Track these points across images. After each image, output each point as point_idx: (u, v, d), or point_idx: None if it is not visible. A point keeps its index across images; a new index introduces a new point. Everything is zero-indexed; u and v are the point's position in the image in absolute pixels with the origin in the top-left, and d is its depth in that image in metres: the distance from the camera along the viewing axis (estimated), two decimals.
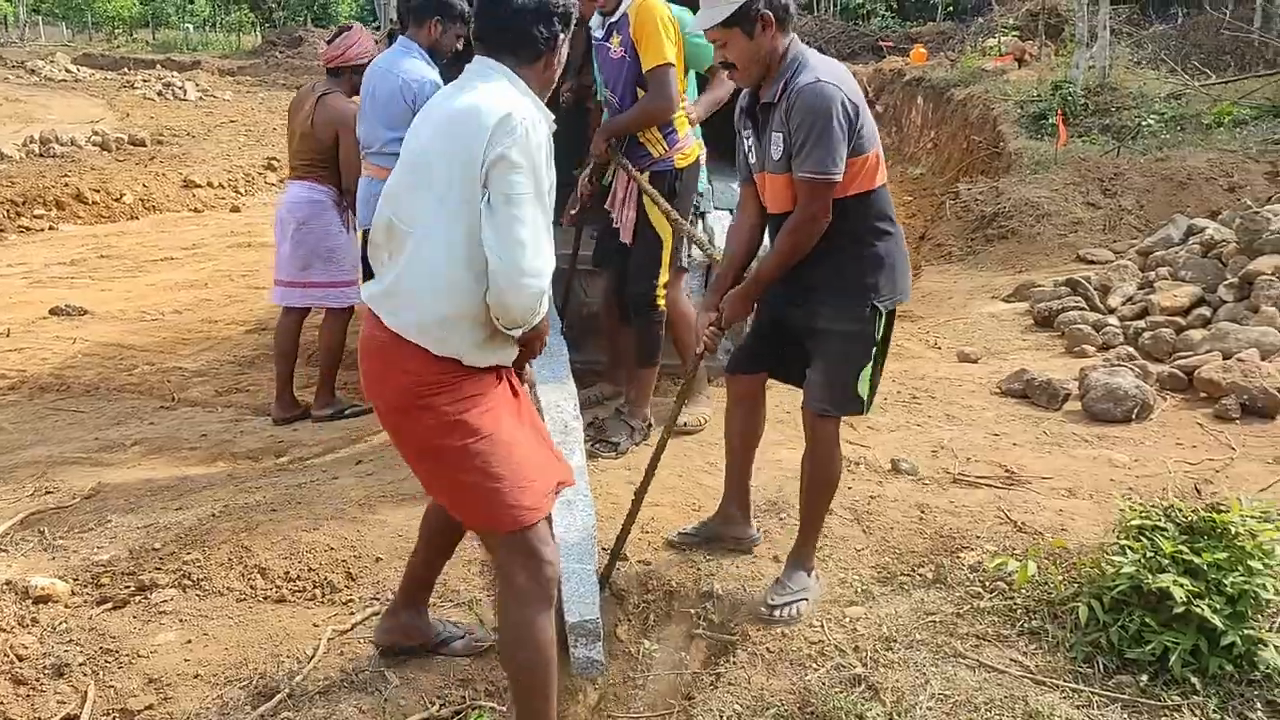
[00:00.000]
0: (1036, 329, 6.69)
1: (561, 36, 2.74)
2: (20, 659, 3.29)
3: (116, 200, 12.98)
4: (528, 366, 2.99)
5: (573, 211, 5.02)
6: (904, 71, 19.87)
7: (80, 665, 3.29)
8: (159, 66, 30.93)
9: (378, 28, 27.39)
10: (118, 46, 41.39)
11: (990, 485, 4.36)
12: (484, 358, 2.68)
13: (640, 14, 4.34)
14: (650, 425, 4.87)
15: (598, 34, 4.58)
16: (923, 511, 4.08)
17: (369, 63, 5.18)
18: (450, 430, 2.64)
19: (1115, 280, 6.86)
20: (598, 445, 4.68)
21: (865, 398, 3.47)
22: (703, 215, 5.60)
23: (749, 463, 3.87)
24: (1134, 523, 3.33)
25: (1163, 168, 9.25)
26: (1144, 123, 11.31)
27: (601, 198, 4.81)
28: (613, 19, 4.45)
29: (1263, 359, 5.35)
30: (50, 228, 12.01)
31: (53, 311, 8.45)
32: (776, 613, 3.46)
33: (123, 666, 3.30)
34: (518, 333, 2.66)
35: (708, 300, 3.66)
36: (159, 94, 24.23)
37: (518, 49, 2.69)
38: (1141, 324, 6.14)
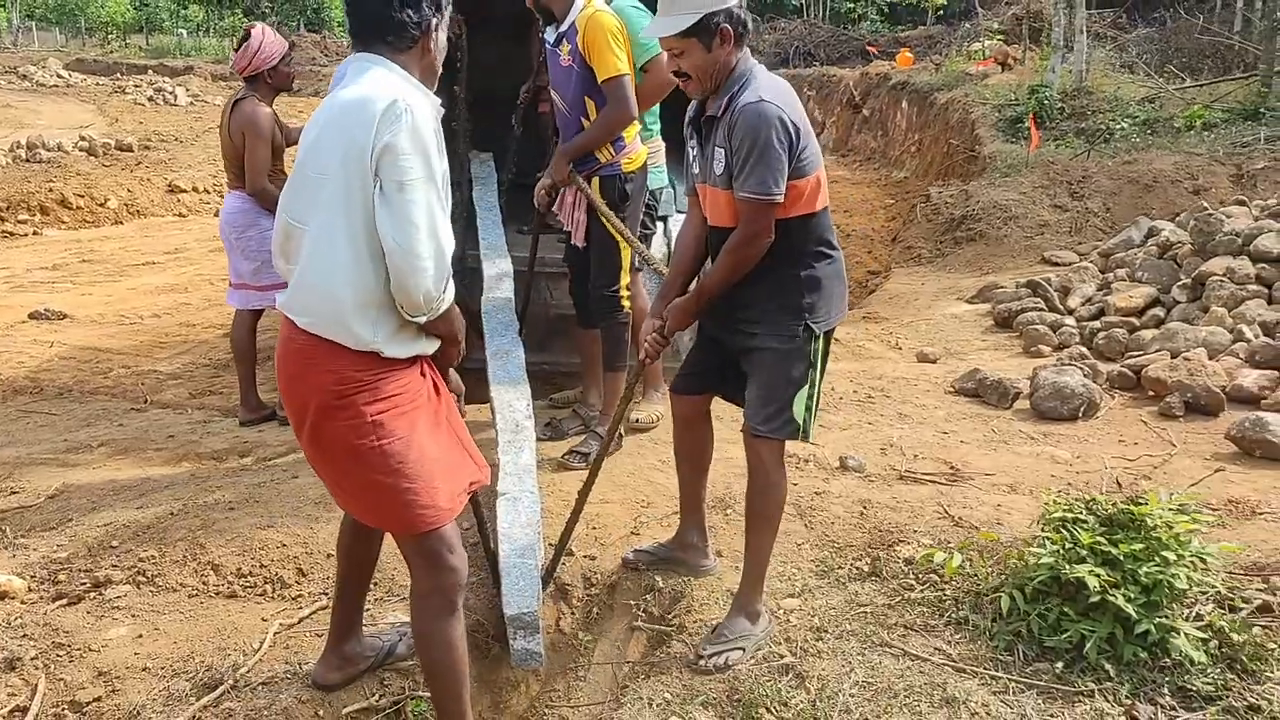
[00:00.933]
0: (996, 330, 6.80)
1: (434, 20, 2.72)
2: None
3: (101, 205, 13.08)
4: (453, 375, 2.98)
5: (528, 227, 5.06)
6: (890, 75, 20.04)
7: (32, 659, 3.37)
8: (151, 72, 31.03)
9: None
10: (111, 52, 41.53)
11: (934, 482, 4.47)
12: (403, 347, 2.68)
13: (588, 28, 4.39)
14: (621, 434, 4.82)
15: (549, 39, 4.66)
16: (865, 507, 4.17)
17: (282, 60, 5.30)
18: (367, 431, 2.64)
19: (1075, 281, 6.97)
20: (569, 456, 4.64)
21: (801, 422, 3.37)
22: (664, 219, 5.69)
23: (701, 486, 3.79)
24: (1056, 515, 3.42)
25: (1130, 170, 9.37)
26: (1117, 126, 11.42)
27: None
28: (561, 28, 4.53)
29: (1210, 358, 5.46)
30: (34, 233, 12.10)
31: (31, 316, 8.54)
32: (703, 662, 3.32)
33: (74, 660, 3.37)
34: (422, 319, 2.65)
35: (654, 307, 3.60)
36: (149, 99, 24.30)
37: (390, 38, 2.67)
38: (1097, 324, 6.25)
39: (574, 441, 4.81)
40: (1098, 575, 3.15)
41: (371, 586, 3.41)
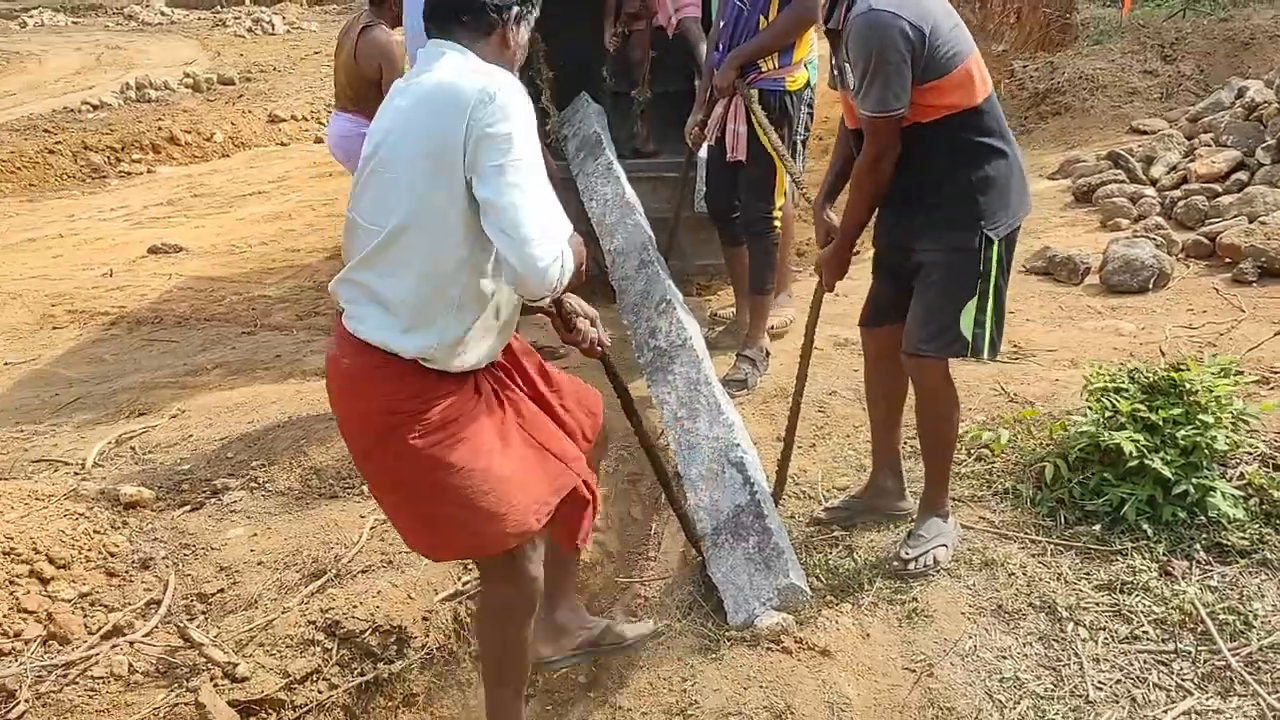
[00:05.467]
0: (1075, 205, 6.72)
1: (517, 10, 2.54)
2: (112, 555, 3.79)
3: (208, 140, 13.59)
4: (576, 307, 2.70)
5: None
6: None
7: (163, 559, 3.79)
8: (248, 2, 31.61)
9: None
10: None
11: (996, 360, 4.54)
12: (456, 358, 2.48)
13: None
14: (769, 353, 4.79)
15: None
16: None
17: None
18: (424, 466, 2.47)
19: (1160, 150, 6.82)
20: (727, 386, 4.42)
21: (970, 337, 3.12)
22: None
23: (895, 426, 3.55)
24: (1098, 386, 3.52)
25: (1225, 28, 8.98)
26: None
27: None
28: None
29: None
30: (148, 171, 12.67)
31: (151, 250, 9.04)
32: (911, 566, 3.21)
33: (198, 558, 3.78)
34: (547, 300, 2.48)
35: (816, 203, 3.43)
36: (248, 30, 24.83)
37: (469, 23, 2.50)
38: (1178, 194, 6.13)
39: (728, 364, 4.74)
40: (1135, 440, 3.26)
41: None
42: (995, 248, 3.08)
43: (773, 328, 4.92)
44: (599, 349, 2.75)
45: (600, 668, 3.17)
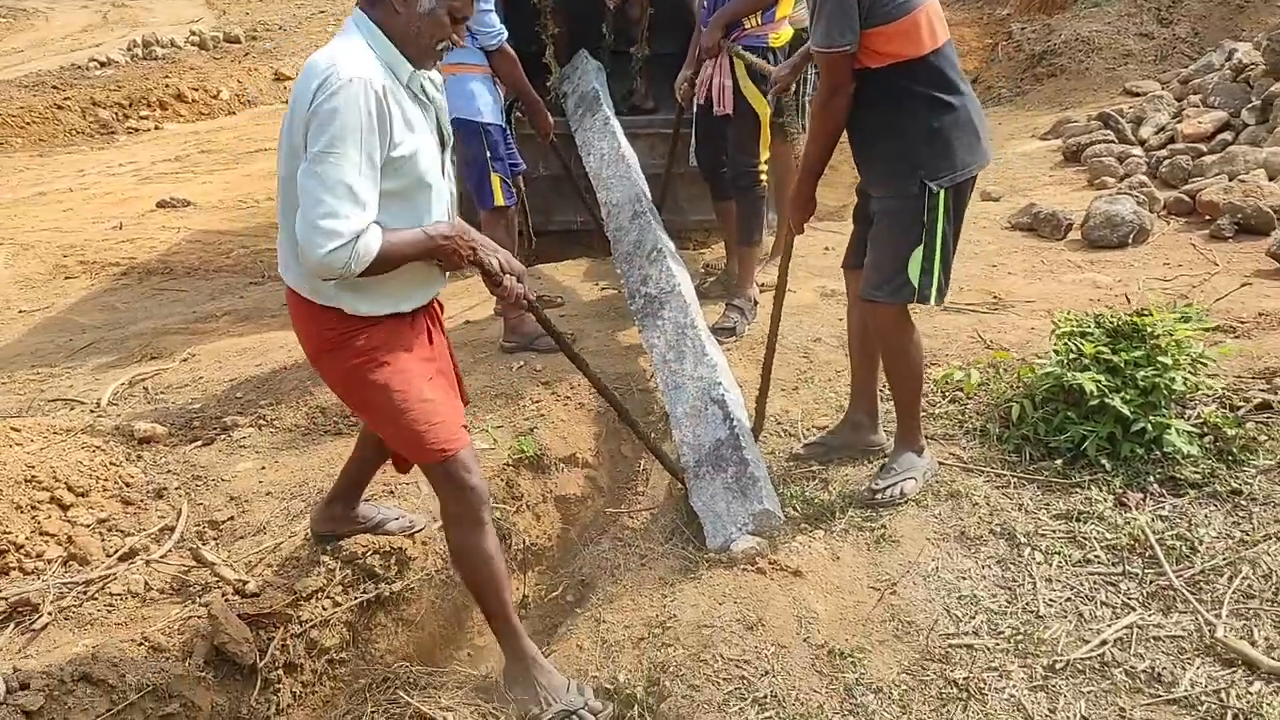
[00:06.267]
0: (1065, 165, 6.86)
1: None
2: (128, 485, 3.99)
3: (214, 97, 13.72)
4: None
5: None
6: None
7: (176, 489, 3.99)
8: None
9: None
10: None
11: (975, 311, 4.73)
12: (369, 304, 2.69)
13: None
14: (757, 302, 4.93)
15: None
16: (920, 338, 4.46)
17: None
18: (352, 384, 2.79)
19: (1150, 111, 6.94)
20: (717, 334, 4.59)
21: (917, 284, 3.24)
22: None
23: (872, 364, 3.64)
24: (1065, 330, 3.69)
25: None
26: None
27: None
28: None
29: (1271, 179, 5.50)
30: (156, 127, 12.82)
31: (160, 205, 9.21)
32: (879, 496, 3.38)
33: (209, 489, 3.98)
34: (325, 282, 2.62)
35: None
36: None
37: None
38: (1164, 153, 6.27)
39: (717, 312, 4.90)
40: (1097, 381, 3.44)
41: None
42: (940, 198, 3.16)
43: (763, 285, 5.07)
44: (524, 301, 2.92)
45: (587, 587, 3.37)
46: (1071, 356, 3.59)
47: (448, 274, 2.93)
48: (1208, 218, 5.41)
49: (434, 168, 2.73)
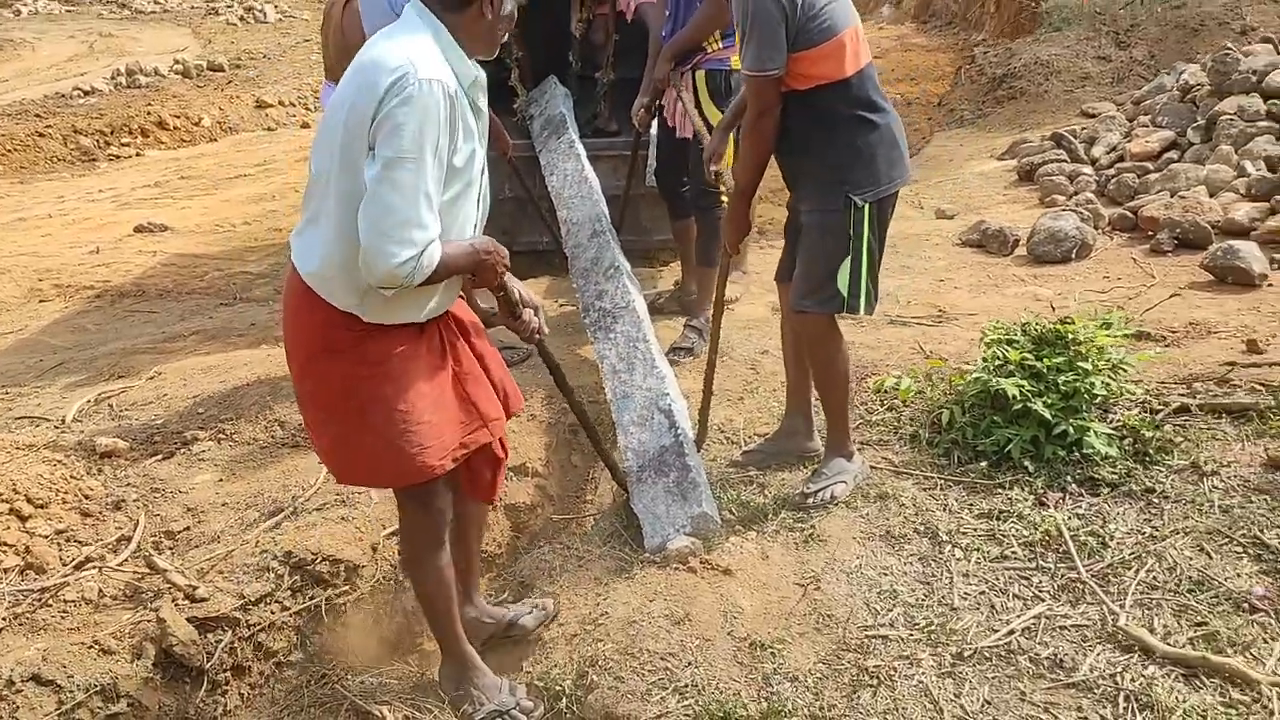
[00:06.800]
0: (1019, 184, 7.03)
1: None
2: (88, 498, 4.09)
3: (196, 125, 13.86)
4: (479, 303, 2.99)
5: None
6: None
7: (134, 501, 4.08)
8: None
9: None
10: None
11: (920, 323, 4.87)
12: (386, 314, 2.62)
13: None
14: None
15: None
16: (847, 348, 4.59)
17: None
18: (349, 393, 2.65)
19: (1102, 131, 7.12)
20: (675, 353, 4.78)
21: (846, 294, 3.37)
22: None
23: (809, 374, 3.75)
24: (993, 338, 3.82)
25: (1178, 15, 9.29)
26: None
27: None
28: None
29: (1212, 195, 5.66)
30: (137, 154, 12.95)
31: (136, 229, 9.31)
32: (810, 500, 3.51)
33: (167, 500, 4.08)
34: (389, 293, 2.55)
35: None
36: (240, 19, 25.03)
37: None
38: (1112, 171, 6.43)
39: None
40: (1020, 386, 3.57)
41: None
42: (865, 211, 3.30)
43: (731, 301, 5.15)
44: (538, 336, 2.92)
45: (526, 588, 3.48)
46: (998, 363, 3.72)
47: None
48: (1149, 233, 5.56)
49: (479, 177, 2.69)
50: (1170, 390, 3.84)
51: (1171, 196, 5.66)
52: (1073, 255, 5.40)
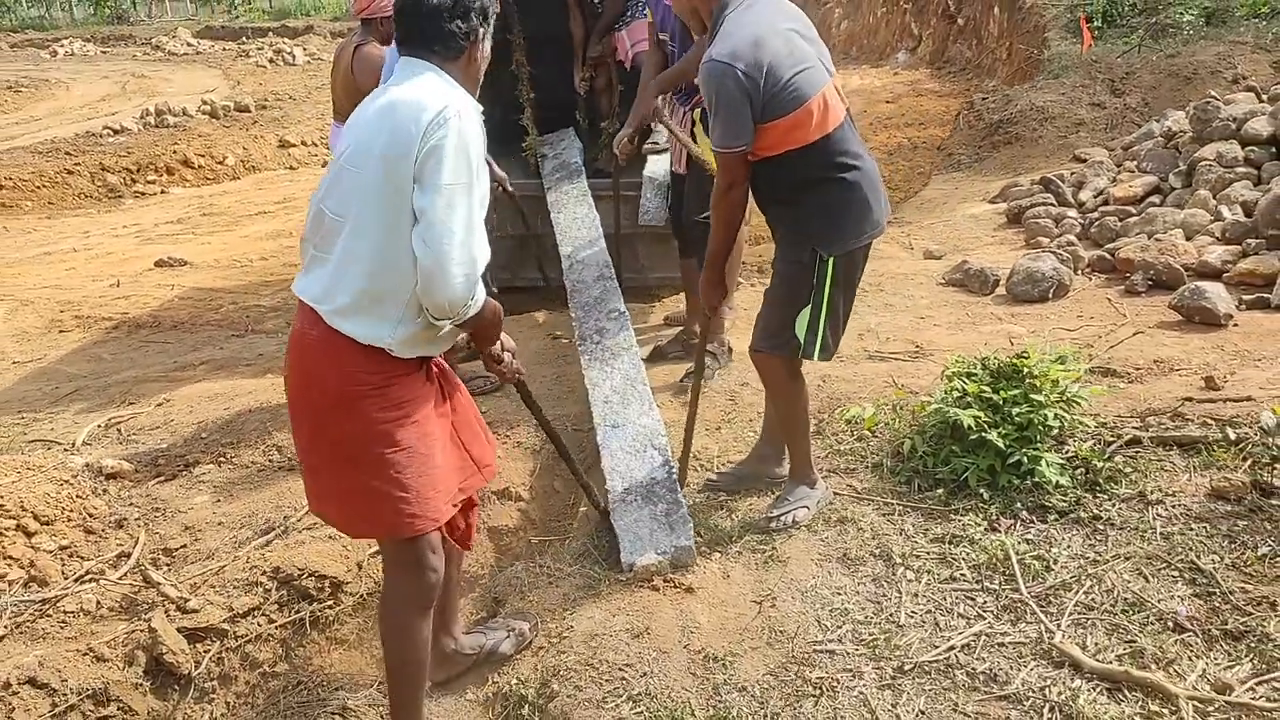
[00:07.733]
0: (1007, 227, 7.19)
1: (481, 31, 2.75)
2: (91, 516, 4.31)
3: (220, 163, 14.24)
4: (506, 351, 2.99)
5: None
6: None
7: (136, 519, 4.30)
8: (272, 34, 32.50)
9: None
10: (236, 17, 43.35)
11: (896, 359, 5.03)
12: (411, 347, 2.70)
13: None
14: (730, 349, 5.13)
15: None
16: (824, 380, 4.76)
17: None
18: (373, 439, 2.68)
19: (1090, 176, 7.28)
20: (687, 379, 4.75)
21: (802, 340, 3.51)
22: None
23: None
24: (953, 371, 3.99)
25: (1172, 64, 9.46)
26: (1184, 19, 11.32)
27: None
28: None
29: (1188, 238, 5.81)
30: (161, 191, 13.32)
31: (157, 264, 9.61)
32: (773, 523, 3.66)
33: (167, 519, 4.29)
34: (447, 324, 2.67)
35: None
36: (270, 61, 25.62)
37: (438, 47, 2.70)
38: (1095, 214, 6.59)
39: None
40: (977, 417, 3.73)
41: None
42: (830, 265, 3.44)
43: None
44: (517, 376, 3.09)
45: (499, 604, 3.64)
46: (956, 395, 3.88)
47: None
48: (1125, 274, 5.71)
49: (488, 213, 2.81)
50: (1125, 423, 3.97)
51: (1149, 239, 5.81)
52: (1050, 295, 5.56)
